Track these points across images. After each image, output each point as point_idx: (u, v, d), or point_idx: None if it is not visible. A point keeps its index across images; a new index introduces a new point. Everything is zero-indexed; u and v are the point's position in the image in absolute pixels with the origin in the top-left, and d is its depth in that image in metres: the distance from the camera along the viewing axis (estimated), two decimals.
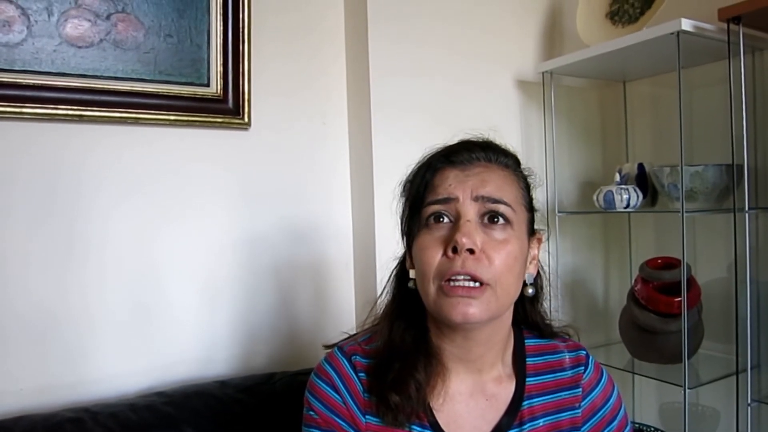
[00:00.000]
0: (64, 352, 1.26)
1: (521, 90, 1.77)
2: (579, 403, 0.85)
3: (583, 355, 0.89)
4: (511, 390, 0.83)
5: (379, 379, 0.79)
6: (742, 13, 1.21)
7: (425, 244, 0.77)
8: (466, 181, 0.77)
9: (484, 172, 0.78)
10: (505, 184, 0.79)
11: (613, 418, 0.87)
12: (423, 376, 0.78)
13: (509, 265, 0.75)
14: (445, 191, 0.77)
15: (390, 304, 0.87)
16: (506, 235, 0.76)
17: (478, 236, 0.74)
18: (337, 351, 0.85)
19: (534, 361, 0.86)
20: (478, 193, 0.76)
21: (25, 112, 1.21)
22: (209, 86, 1.41)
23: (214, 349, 1.43)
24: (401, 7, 1.56)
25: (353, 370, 0.82)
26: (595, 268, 1.91)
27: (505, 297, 0.76)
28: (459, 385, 0.82)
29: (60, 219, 1.26)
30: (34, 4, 1.22)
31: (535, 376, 0.85)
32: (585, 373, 0.87)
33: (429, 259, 0.76)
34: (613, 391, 0.89)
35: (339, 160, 1.61)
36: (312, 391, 0.83)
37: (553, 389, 0.85)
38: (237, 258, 1.46)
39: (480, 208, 0.76)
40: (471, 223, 0.75)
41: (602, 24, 1.62)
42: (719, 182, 1.42)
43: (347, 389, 0.81)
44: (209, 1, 1.39)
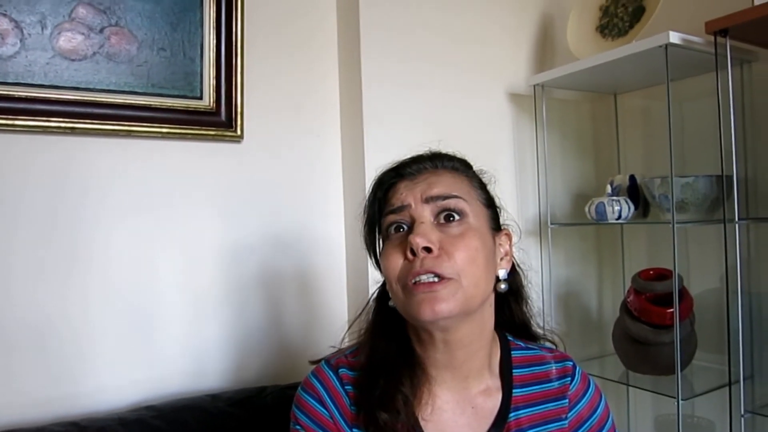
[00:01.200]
0: (53, 366, 1.25)
1: (513, 103, 1.79)
2: (566, 415, 0.84)
3: (570, 366, 0.88)
4: (498, 401, 0.83)
5: (365, 396, 0.79)
6: (729, 26, 1.23)
7: (387, 253, 0.79)
8: (415, 187, 0.80)
9: (431, 177, 0.81)
10: (455, 183, 0.81)
11: (600, 429, 0.87)
12: (409, 389, 0.78)
13: (471, 257, 0.75)
14: (398, 200, 0.80)
15: (371, 321, 0.88)
16: (463, 229, 0.77)
17: (434, 235, 0.75)
18: (324, 364, 0.85)
19: (520, 372, 0.86)
20: (428, 195, 0.78)
21: (17, 125, 1.21)
22: (202, 99, 1.41)
23: (205, 363, 1.42)
24: (393, 21, 1.57)
25: (340, 384, 0.82)
26: (588, 280, 1.92)
27: (472, 289, 0.75)
28: (445, 395, 0.82)
29: (50, 231, 1.25)
30: (27, 17, 1.23)
31: (521, 388, 0.85)
32: (572, 384, 0.87)
33: (392, 264, 0.77)
34: (600, 402, 0.88)
35: (332, 172, 1.62)
36: (299, 406, 0.82)
37: (540, 401, 0.84)
38: (229, 270, 1.45)
39: (433, 208, 0.78)
40: (425, 224, 0.77)
41: (592, 37, 1.64)
42: (709, 193, 1.43)
43: (334, 403, 0.81)
44: (202, 15, 1.40)
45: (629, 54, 1.40)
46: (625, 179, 1.63)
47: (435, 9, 1.64)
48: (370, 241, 0.86)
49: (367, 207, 0.86)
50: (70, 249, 1.27)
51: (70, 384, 1.26)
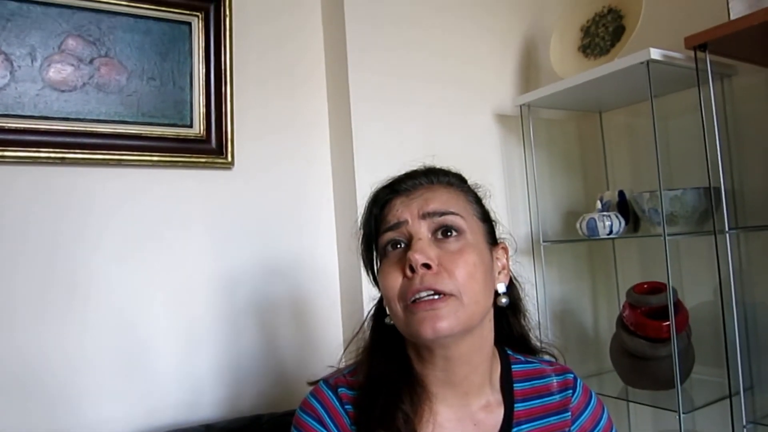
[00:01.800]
0: (45, 398, 1.22)
1: (500, 123, 1.81)
2: (569, 428, 0.83)
3: (571, 379, 0.88)
4: (500, 416, 0.82)
5: (366, 415, 0.77)
6: (708, 40, 1.26)
7: (385, 271, 0.78)
8: (411, 203, 0.79)
9: (426, 193, 0.80)
10: (450, 198, 0.80)
11: None
12: (409, 407, 0.77)
13: (470, 273, 0.75)
14: (394, 217, 0.79)
15: (369, 339, 0.87)
16: (461, 245, 0.77)
17: (432, 251, 0.75)
18: (323, 384, 0.84)
19: (521, 387, 0.85)
20: (424, 210, 0.78)
21: (7, 156, 1.21)
22: (192, 127, 1.42)
23: (200, 392, 1.39)
24: (380, 44, 1.60)
25: (339, 403, 0.81)
26: (583, 297, 1.92)
27: (473, 305, 0.75)
28: (446, 412, 0.80)
29: (40, 260, 1.24)
30: (17, 50, 1.24)
31: (523, 402, 0.84)
32: (573, 397, 0.86)
33: (390, 283, 0.77)
34: (602, 414, 0.88)
35: (323, 196, 1.62)
36: (299, 427, 0.81)
37: (542, 415, 0.83)
38: (221, 298, 1.44)
39: (430, 224, 0.78)
40: (423, 240, 0.76)
41: (575, 57, 1.67)
42: (698, 205, 1.44)
43: (334, 423, 0.79)
44: (191, 45, 1.42)
45: (612, 71, 1.43)
46: (614, 195, 1.65)
47: (420, 32, 1.67)
48: (367, 260, 0.86)
49: (363, 225, 0.85)
50: (60, 279, 1.26)
51: (63, 417, 1.23)
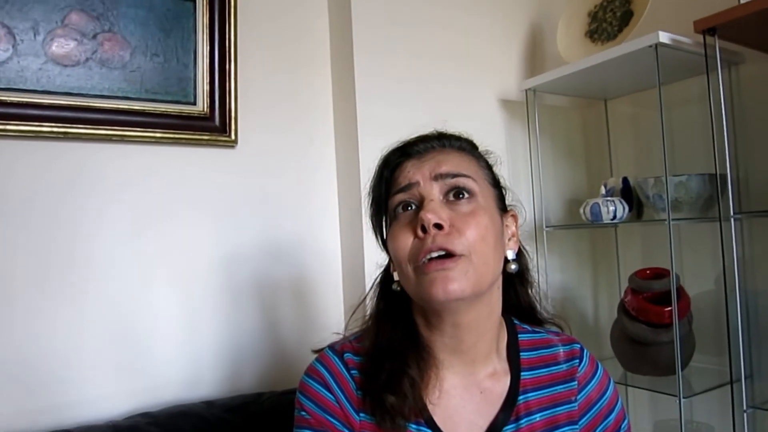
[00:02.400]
0: (45, 375, 1.22)
1: (505, 109, 1.80)
2: (575, 397, 0.83)
3: (578, 349, 0.88)
4: (506, 385, 0.82)
5: (372, 380, 0.77)
6: (717, 24, 1.25)
7: (396, 232, 0.78)
8: (423, 165, 0.79)
9: (439, 155, 0.80)
10: (463, 161, 0.80)
11: (610, 411, 0.85)
12: (416, 372, 0.77)
13: (481, 235, 0.74)
14: (405, 179, 0.79)
15: (376, 306, 0.87)
16: (473, 207, 0.76)
17: (444, 212, 0.74)
18: (329, 350, 0.84)
19: (528, 356, 0.85)
20: (437, 172, 0.77)
21: (9, 130, 1.20)
22: (196, 104, 1.41)
23: (200, 371, 1.39)
24: (386, 26, 1.59)
25: (345, 369, 0.80)
26: (584, 284, 1.91)
27: (483, 267, 0.74)
28: (453, 379, 0.80)
29: (42, 236, 1.24)
30: (20, 24, 1.22)
31: (529, 371, 0.84)
32: (580, 366, 0.86)
33: (401, 244, 0.76)
34: (609, 384, 0.88)
35: (326, 177, 1.61)
36: (304, 392, 0.81)
37: (549, 383, 0.83)
38: (223, 277, 1.44)
39: (441, 186, 0.77)
40: (434, 201, 0.76)
41: (582, 42, 1.66)
42: (703, 191, 1.44)
43: (340, 388, 0.79)
44: (195, 22, 1.41)
45: (620, 55, 1.42)
46: (618, 182, 1.64)
47: (427, 14, 1.66)
48: (376, 223, 0.85)
49: (373, 187, 0.84)
50: (62, 254, 1.25)
51: (62, 393, 1.23)
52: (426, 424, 0.77)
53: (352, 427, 0.77)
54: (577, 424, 0.82)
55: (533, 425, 0.80)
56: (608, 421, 0.85)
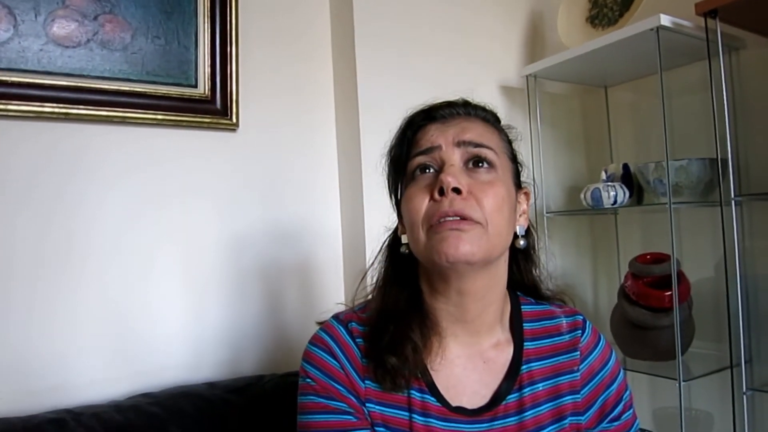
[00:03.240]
0: (46, 356, 1.22)
1: (505, 96, 1.80)
2: (577, 366, 0.84)
3: (580, 320, 0.88)
4: (509, 354, 0.82)
5: (375, 343, 0.78)
6: (719, 6, 1.25)
7: (412, 194, 0.77)
8: (447, 130, 0.78)
9: (464, 122, 0.80)
10: (486, 132, 0.80)
11: (612, 381, 0.86)
12: (419, 337, 0.77)
13: (498, 205, 0.75)
14: (428, 141, 0.78)
15: (383, 271, 0.87)
16: (492, 177, 0.77)
17: (463, 178, 0.74)
18: (333, 319, 0.84)
19: (531, 326, 0.85)
20: (460, 138, 0.77)
21: (10, 110, 1.19)
22: (197, 87, 1.41)
23: (202, 354, 1.39)
24: (386, 12, 1.58)
25: (350, 337, 0.81)
26: (585, 270, 1.92)
27: (496, 237, 0.75)
28: (456, 348, 0.81)
29: (44, 217, 1.23)
30: (20, 4, 1.22)
31: (532, 341, 0.84)
32: (582, 337, 0.86)
33: (416, 205, 0.76)
34: (611, 355, 0.88)
35: (327, 161, 1.61)
36: (309, 360, 0.81)
37: (551, 353, 0.84)
38: (224, 260, 1.44)
39: (463, 153, 0.77)
40: (455, 166, 0.76)
41: (582, 28, 1.66)
42: (703, 176, 1.44)
43: (345, 355, 0.79)
44: (197, 4, 1.40)
45: (621, 39, 1.42)
46: (618, 168, 1.65)
47: (428, 1, 1.66)
48: (393, 182, 0.85)
49: (394, 147, 0.84)
50: (64, 236, 1.25)
51: (63, 376, 1.23)
52: (428, 390, 0.77)
53: (357, 393, 0.78)
54: (579, 394, 0.83)
55: (536, 394, 0.80)
56: (610, 391, 0.85)
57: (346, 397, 0.77)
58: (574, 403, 0.82)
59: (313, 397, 0.78)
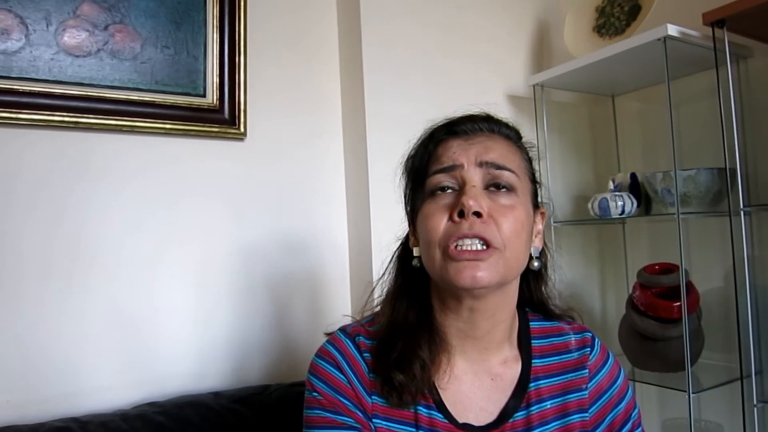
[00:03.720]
0: (51, 364, 1.22)
1: (512, 105, 1.80)
2: (586, 385, 0.83)
3: (589, 337, 0.87)
4: (517, 371, 0.81)
5: (383, 358, 0.77)
6: (726, 16, 1.25)
7: (430, 212, 0.76)
8: (470, 148, 0.76)
9: (487, 141, 0.78)
10: (509, 153, 0.78)
11: (621, 400, 0.85)
12: (427, 354, 0.76)
13: (517, 231, 0.74)
14: (449, 159, 0.77)
15: (393, 283, 0.86)
16: (512, 201, 0.75)
17: (484, 201, 0.73)
18: (340, 332, 0.83)
19: (539, 343, 0.85)
20: (483, 159, 0.75)
21: (21, 118, 1.21)
22: (205, 97, 1.42)
23: (208, 363, 1.39)
24: (393, 22, 1.59)
25: (357, 351, 0.80)
26: (592, 280, 1.91)
27: (513, 262, 0.74)
28: (464, 365, 0.80)
29: (51, 226, 1.24)
30: (32, 14, 1.24)
31: (540, 358, 0.83)
32: (591, 355, 0.85)
33: (434, 225, 0.74)
34: (619, 374, 0.87)
35: (334, 169, 1.62)
36: (315, 373, 0.80)
37: (560, 371, 0.83)
38: (231, 269, 1.44)
39: (485, 175, 0.75)
40: (476, 188, 0.74)
41: (589, 37, 1.66)
42: (712, 185, 1.43)
43: (352, 370, 0.79)
44: (206, 14, 1.42)
45: (628, 48, 1.42)
46: (625, 177, 1.64)
47: (435, 10, 1.67)
48: (409, 195, 0.83)
49: (413, 158, 0.82)
50: (71, 244, 1.26)
51: (70, 383, 1.23)
52: (436, 407, 0.77)
53: (364, 408, 0.77)
54: (587, 412, 0.82)
55: (544, 412, 0.79)
56: (618, 409, 0.84)
57: (353, 412, 0.76)
58: (582, 422, 0.81)
59: (319, 412, 0.77)
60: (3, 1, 1.20)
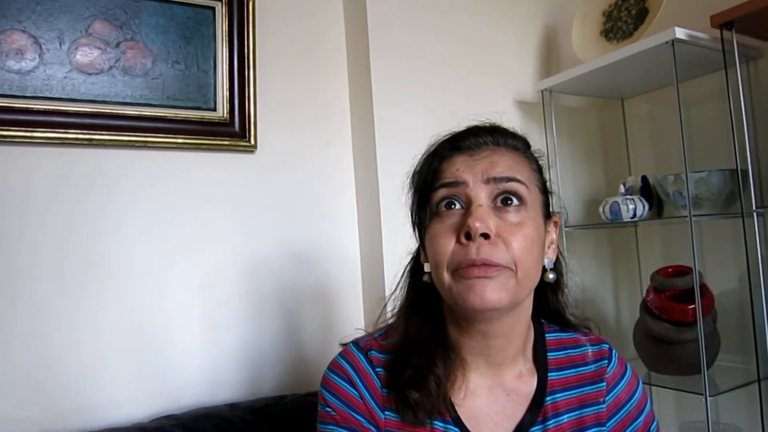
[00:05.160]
0: (66, 377, 1.23)
1: (521, 110, 1.80)
2: (603, 398, 0.81)
3: (606, 349, 0.85)
4: (533, 385, 0.80)
5: (397, 375, 0.76)
6: (734, 18, 1.25)
7: (437, 233, 0.74)
8: (475, 165, 0.74)
9: (493, 155, 0.75)
10: (517, 164, 0.76)
11: (639, 413, 0.83)
12: (442, 371, 0.75)
13: (527, 248, 0.71)
14: (452, 175, 0.74)
15: (405, 299, 0.85)
16: (521, 218, 0.73)
17: (491, 220, 0.70)
18: (352, 346, 0.83)
19: (555, 356, 0.83)
20: (489, 175, 0.73)
21: (36, 137, 1.23)
22: (216, 110, 1.43)
23: (221, 374, 1.40)
24: (401, 29, 1.60)
25: (370, 366, 0.79)
26: (605, 284, 1.90)
27: (525, 281, 0.72)
28: (479, 380, 0.79)
29: (67, 240, 1.26)
30: (46, 33, 1.26)
31: (557, 371, 0.82)
32: (609, 367, 0.83)
33: (442, 247, 0.72)
34: (638, 386, 0.85)
35: (345, 181, 1.62)
36: (327, 387, 0.80)
37: (576, 384, 0.81)
38: (244, 281, 1.45)
39: (492, 190, 0.73)
40: (483, 207, 0.71)
41: (597, 42, 1.66)
42: (724, 187, 1.42)
43: (364, 385, 0.78)
44: (215, 29, 1.43)
45: (636, 52, 1.41)
46: (636, 180, 1.63)
47: (442, 16, 1.68)
48: (416, 214, 0.81)
49: (418, 177, 0.80)
50: (86, 259, 1.27)
51: (84, 396, 1.25)
52: (453, 423, 0.76)
53: (377, 424, 0.77)
54: (605, 426, 0.80)
55: (561, 426, 0.78)
56: (637, 423, 0.83)
57: (366, 428, 0.76)
58: None
59: (333, 427, 0.77)
60: (17, 22, 1.22)
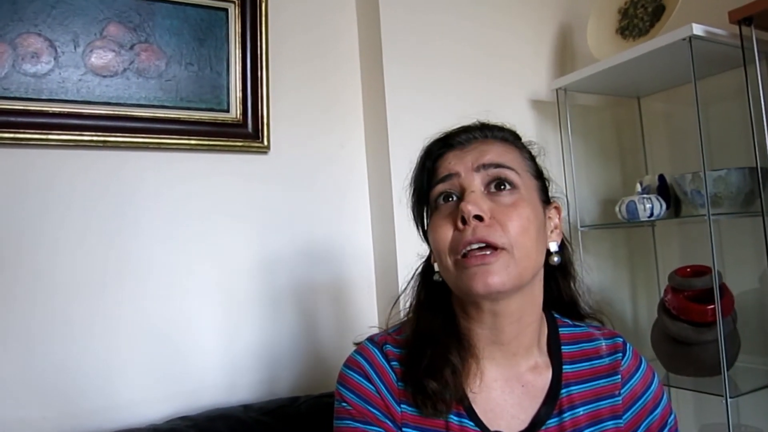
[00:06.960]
0: (84, 379, 1.24)
1: (536, 110, 1.79)
2: (618, 391, 0.81)
3: (620, 342, 0.85)
4: (548, 378, 0.81)
5: (413, 367, 0.77)
6: (754, 13, 1.22)
7: (436, 224, 0.77)
8: (465, 156, 0.78)
9: (482, 146, 0.79)
10: (505, 152, 0.79)
11: (656, 406, 0.83)
12: (458, 359, 0.76)
13: (523, 227, 0.73)
14: (446, 169, 0.78)
15: (417, 296, 0.87)
16: (515, 199, 0.75)
17: (485, 204, 0.73)
18: (367, 342, 0.84)
19: (569, 349, 0.83)
20: (479, 163, 0.76)
21: (51, 139, 1.24)
22: (229, 112, 1.44)
23: (237, 375, 1.40)
24: (414, 30, 1.59)
25: (385, 360, 0.80)
26: (622, 284, 1.88)
27: (525, 260, 0.73)
28: (494, 371, 0.80)
29: (84, 242, 1.27)
30: (61, 36, 1.27)
31: (571, 364, 0.82)
32: (623, 360, 0.84)
33: (441, 236, 0.75)
34: (653, 378, 0.85)
35: (358, 181, 1.62)
36: (344, 383, 0.81)
37: (591, 377, 0.82)
38: (258, 282, 1.45)
39: (483, 177, 0.76)
40: (475, 193, 0.74)
41: (613, 39, 1.64)
42: (743, 186, 1.40)
43: (380, 379, 0.79)
44: (228, 30, 1.43)
45: (653, 50, 1.39)
46: (654, 179, 1.61)
47: (455, 15, 1.67)
48: (417, 213, 0.85)
49: (415, 178, 0.84)
50: (102, 261, 1.28)
51: (101, 398, 1.25)
52: (467, 414, 0.76)
53: (393, 417, 0.77)
54: (621, 419, 0.80)
55: (577, 419, 0.78)
56: (654, 415, 0.83)
57: (382, 421, 0.77)
58: (617, 429, 0.79)
59: (349, 422, 0.78)
60: (33, 26, 1.23)
